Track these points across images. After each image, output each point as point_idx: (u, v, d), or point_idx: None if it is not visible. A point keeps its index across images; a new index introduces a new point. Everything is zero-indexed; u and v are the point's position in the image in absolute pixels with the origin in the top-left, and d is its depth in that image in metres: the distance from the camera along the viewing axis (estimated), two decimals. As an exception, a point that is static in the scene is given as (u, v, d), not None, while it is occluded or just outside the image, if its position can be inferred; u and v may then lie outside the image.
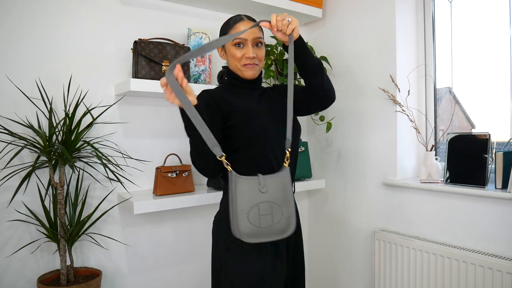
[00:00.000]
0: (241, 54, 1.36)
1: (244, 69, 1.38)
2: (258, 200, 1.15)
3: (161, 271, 1.96)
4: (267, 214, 1.15)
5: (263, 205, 1.15)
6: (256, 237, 1.14)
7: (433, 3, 2.06)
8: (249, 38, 1.36)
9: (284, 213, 1.17)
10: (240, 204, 1.14)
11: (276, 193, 1.17)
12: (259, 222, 1.14)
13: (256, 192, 1.16)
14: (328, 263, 2.39)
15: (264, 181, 1.17)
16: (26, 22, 1.60)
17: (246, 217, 1.13)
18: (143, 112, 1.88)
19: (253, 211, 1.14)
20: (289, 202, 1.19)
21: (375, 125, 2.10)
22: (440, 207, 1.84)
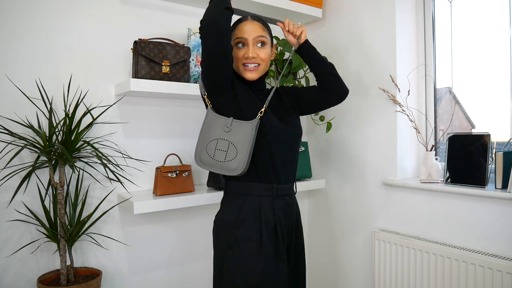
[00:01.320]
0: (241, 54, 1.35)
1: (243, 70, 1.37)
2: (219, 136, 1.30)
3: (161, 271, 1.96)
4: (222, 150, 1.29)
5: (221, 142, 1.30)
6: (207, 166, 1.30)
7: (433, 3, 2.06)
8: (249, 37, 1.34)
9: (237, 155, 1.28)
10: (204, 134, 1.32)
11: (238, 136, 1.29)
12: (214, 155, 1.29)
13: (220, 129, 1.30)
14: (328, 263, 2.39)
15: (230, 123, 1.30)
16: (26, 22, 1.60)
17: (205, 147, 1.31)
18: (143, 112, 1.88)
19: (211, 144, 1.30)
20: (246, 147, 1.28)
21: (375, 125, 2.10)
22: (440, 207, 1.84)
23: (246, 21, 1.38)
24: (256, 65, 1.37)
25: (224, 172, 1.29)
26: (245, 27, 1.36)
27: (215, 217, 1.43)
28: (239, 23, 1.38)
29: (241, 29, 1.36)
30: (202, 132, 1.32)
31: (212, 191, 1.87)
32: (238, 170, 1.28)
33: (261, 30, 1.37)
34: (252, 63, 1.36)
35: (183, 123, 2.00)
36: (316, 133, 2.43)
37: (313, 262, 2.48)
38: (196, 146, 1.32)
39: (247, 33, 1.35)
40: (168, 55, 1.74)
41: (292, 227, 1.43)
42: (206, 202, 1.81)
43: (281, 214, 1.37)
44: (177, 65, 1.77)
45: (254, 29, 1.35)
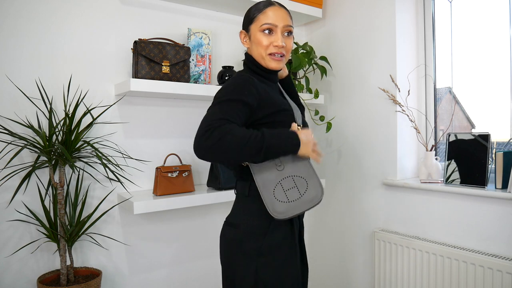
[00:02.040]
0: (268, 42, 1.26)
1: (269, 59, 1.27)
2: (278, 178, 1.21)
3: (161, 271, 1.96)
4: (292, 187, 1.20)
5: (285, 181, 1.21)
6: (288, 212, 1.18)
7: (433, 3, 2.06)
8: (279, 24, 1.26)
9: (308, 183, 1.21)
10: (264, 187, 1.20)
11: (295, 167, 1.21)
12: (286, 198, 1.19)
13: (274, 172, 1.21)
14: (328, 263, 2.39)
15: (279, 161, 1.21)
16: (26, 22, 1.60)
17: (273, 197, 1.19)
18: (143, 112, 1.88)
19: (277, 189, 1.20)
20: (311, 172, 1.22)
21: (375, 125, 2.10)
22: (440, 207, 1.84)
23: (274, 6, 1.28)
24: (281, 55, 1.28)
25: (308, 206, 1.20)
26: (274, 13, 1.26)
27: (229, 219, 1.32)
28: (266, 7, 1.27)
29: (270, 15, 1.26)
30: (261, 187, 1.21)
31: (212, 191, 1.87)
32: (318, 196, 1.20)
33: (289, 19, 1.29)
34: (280, 53, 1.27)
35: (183, 123, 2.00)
36: (316, 133, 2.43)
37: (313, 262, 2.48)
38: (265, 203, 1.20)
39: (277, 20, 1.25)
40: (168, 55, 1.74)
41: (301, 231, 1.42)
42: (206, 202, 1.81)
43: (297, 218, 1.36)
44: (177, 65, 1.77)
45: (283, 17, 1.26)
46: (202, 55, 1.91)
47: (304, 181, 1.21)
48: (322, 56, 2.21)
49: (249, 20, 1.30)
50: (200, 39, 1.91)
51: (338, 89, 2.29)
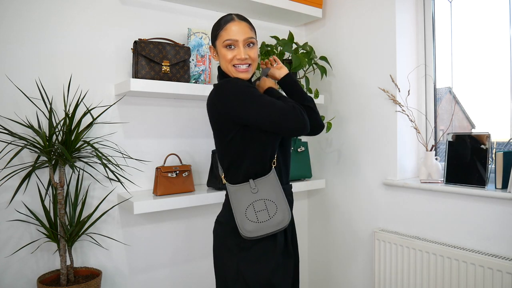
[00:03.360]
0: (232, 56, 1.34)
1: (234, 71, 1.36)
2: (251, 200, 1.32)
3: (161, 271, 1.96)
4: (262, 209, 1.31)
5: (257, 203, 1.32)
6: (257, 232, 1.29)
7: (433, 3, 2.06)
8: (240, 38, 1.33)
9: (278, 207, 1.31)
10: (237, 207, 1.32)
11: (267, 191, 1.33)
12: (257, 218, 1.30)
13: (248, 194, 1.33)
14: (328, 263, 2.39)
15: (254, 184, 1.33)
16: (26, 22, 1.60)
17: (245, 216, 1.30)
18: (143, 112, 1.88)
19: (249, 210, 1.31)
20: (280, 198, 1.33)
21: (375, 125, 2.10)
22: (440, 207, 1.84)
23: (233, 21, 1.35)
24: (247, 65, 1.36)
25: (275, 229, 1.30)
26: (233, 28, 1.34)
27: (218, 218, 1.44)
28: (227, 23, 1.35)
29: (230, 31, 1.34)
30: (234, 206, 1.33)
31: (212, 191, 1.87)
32: (286, 220, 1.31)
33: (249, 31, 1.36)
34: (244, 63, 1.36)
35: (183, 123, 2.00)
36: (316, 133, 2.43)
37: (313, 262, 2.48)
38: (236, 221, 1.31)
39: (237, 35, 1.33)
40: (168, 55, 1.74)
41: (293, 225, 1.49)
42: (206, 202, 1.81)
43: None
44: (177, 65, 1.77)
45: (243, 30, 1.34)
46: (202, 55, 1.91)
47: (274, 205, 1.31)
48: (322, 56, 2.21)
49: (214, 37, 1.39)
50: (200, 39, 1.91)
51: (338, 89, 2.29)
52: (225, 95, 1.30)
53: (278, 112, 1.25)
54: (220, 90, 1.32)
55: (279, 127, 1.26)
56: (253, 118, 1.26)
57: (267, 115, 1.25)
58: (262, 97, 1.28)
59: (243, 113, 1.26)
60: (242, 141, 1.32)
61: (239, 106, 1.27)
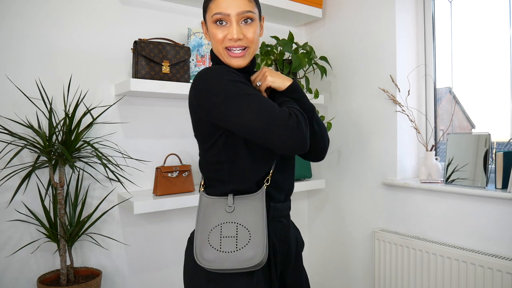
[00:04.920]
0: (223, 35, 1.04)
1: (227, 55, 1.06)
2: (221, 220, 1.01)
3: (161, 271, 1.96)
4: (230, 236, 0.99)
5: (226, 226, 1.00)
6: (216, 263, 0.97)
7: (433, 3, 2.06)
8: (232, 12, 1.02)
9: (252, 239, 0.98)
10: (201, 224, 1.03)
11: (246, 215, 1.01)
12: (220, 245, 0.98)
13: (221, 212, 1.02)
14: (328, 263, 2.39)
15: (232, 201, 1.03)
16: (26, 22, 1.60)
17: (206, 238, 1.00)
18: (143, 112, 1.88)
19: (214, 232, 1.00)
20: (259, 227, 1.00)
21: (375, 125, 2.10)
22: (440, 207, 1.84)
23: None
24: (242, 49, 1.06)
25: (242, 266, 0.97)
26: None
27: (191, 236, 1.14)
28: None
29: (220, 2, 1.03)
30: (199, 223, 1.03)
31: (212, 191, 1.86)
32: (256, 259, 0.97)
33: (246, 2, 1.04)
34: (238, 46, 1.05)
35: (183, 123, 2.00)
36: (316, 133, 2.43)
37: (313, 262, 2.48)
38: (194, 243, 1.01)
39: (229, 6, 1.02)
40: (168, 55, 1.74)
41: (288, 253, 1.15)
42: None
43: (276, 239, 1.10)
44: (177, 65, 1.77)
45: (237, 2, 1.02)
46: (202, 55, 1.91)
47: (247, 234, 0.99)
48: (322, 56, 2.21)
49: (204, 10, 1.08)
50: (200, 39, 1.91)
51: (338, 89, 2.29)
52: (202, 89, 1.00)
53: (267, 119, 0.93)
54: (197, 82, 1.01)
55: (264, 138, 0.94)
56: (233, 123, 0.96)
57: (252, 121, 0.93)
58: (251, 96, 0.96)
59: (222, 114, 0.97)
60: (225, 151, 1.04)
61: (217, 104, 0.96)
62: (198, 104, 1.02)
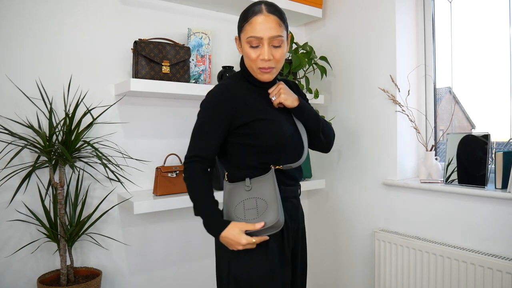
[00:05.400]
0: (256, 55, 1.22)
1: (259, 72, 1.26)
2: (243, 197, 1.26)
3: (161, 271, 1.96)
4: (252, 208, 1.24)
5: (247, 201, 1.25)
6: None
7: (433, 3, 2.06)
8: (265, 36, 1.19)
9: (268, 207, 1.22)
10: (227, 203, 1.28)
11: (261, 190, 1.24)
12: (244, 216, 1.23)
13: (241, 191, 1.26)
14: (328, 263, 2.39)
15: (249, 182, 1.26)
16: (26, 22, 1.60)
17: (233, 213, 1.25)
18: (143, 112, 1.88)
19: (238, 207, 1.25)
20: (273, 198, 1.23)
21: (375, 125, 2.10)
22: (440, 207, 1.84)
23: (260, 14, 1.19)
24: (271, 68, 1.25)
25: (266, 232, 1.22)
26: (261, 24, 1.18)
27: None
28: (253, 16, 1.20)
29: (256, 26, 1.18)
30: (225, 203, 1.29)
31: (212, 191, 1.87)
32: (273, 221, 1.20)
33: (277, 28, 1.20)
34: (268, 68, 1.24)
35: (183, 123, 2.00)
36: (316, 133, 2.43)
37: (313, 262, 2.48)
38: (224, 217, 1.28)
39: (263, 32, 1.18)
40: (168, 55, 1.74)
41: (298, 231, 1.38)
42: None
43: (288, 217, 1.32)
44: (177, 65, 1.77)
45: (270, 27, 1.18)
46: (202, 55, 1.91)
47: (265, 204, 1.23)
48: (322, 56, 2.21)
49: (239, 29, 1.27)
50: (200, 39, 1.91)
51: (338, 89, 2.29)
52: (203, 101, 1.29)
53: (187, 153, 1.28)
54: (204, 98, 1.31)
55: None
56: None
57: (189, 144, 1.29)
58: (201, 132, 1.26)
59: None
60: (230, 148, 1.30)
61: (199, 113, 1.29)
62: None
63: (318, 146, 1.45)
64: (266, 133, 1.25)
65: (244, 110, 1.25)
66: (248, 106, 1.26)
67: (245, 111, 1.25)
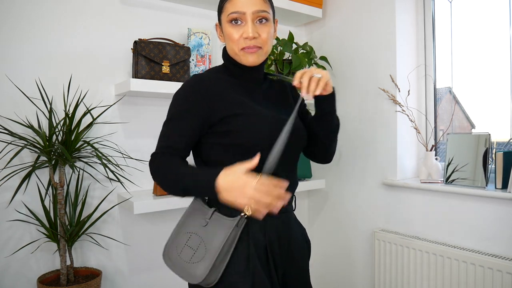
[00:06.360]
0: (238, 35, 1.06)
1: (243, 54, 1.07)
2: (194, 229, 1.05)
3: (161, 271, 1.96)
4: (191, 248, 1.02)
5: (194, 237, 1.03)
6: (172, 265, 1.05)
7: (433, 3, 2.06)
8: (248, 10, 1.04)
9: (205, 260, 1.00)
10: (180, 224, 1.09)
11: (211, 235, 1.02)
12: (181, 251, 1.04)
13: (198, 221, 1.06)
14: (328, 263, 2.39)
15: (210, 215, 1.04)
16: (26, 22, 1.60)
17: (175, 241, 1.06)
18: (143, 112, 1.88)
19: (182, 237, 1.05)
20: (214, 251, 1.00)
21: (375, 125, 2.10)
22: (440, 207, 1.84)
23: None
24: (257, 48, 1.07)
25: (184, 276, 1.02)
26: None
27: None
28: None
29: (236, 1, 1.05)
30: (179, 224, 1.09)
31: (212, 191, 1.86)
32: (197, 277, 0.99)
33: (262, 2, 1.06)
34: (254, 47, 1.06)
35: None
36: (316, 133, 2.43)
37: (313, 262, 2.48)
38: (168, 238, 1.09)
39: (244, 5, 1.04)
40: (168, 55, 1.74)
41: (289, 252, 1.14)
42: (206, 202, 1.81)
43: (273, 235, 1.09)
44: (177, 65, 1.77)
45: (253, 1, 1.05)
46: (202, 55, 1.91)
47: (204, 253, 1.01)
48: (322, 56, 2.21)
49: (219, 10, 1.10)
50: (200, 39, 1.91)
51: (338, 89, 2.29)
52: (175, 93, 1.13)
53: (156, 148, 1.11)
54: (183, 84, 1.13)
55: None
56: None
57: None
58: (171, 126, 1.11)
59: None
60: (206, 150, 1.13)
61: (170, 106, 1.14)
62: None
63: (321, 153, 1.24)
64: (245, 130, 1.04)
65: (220, 105, 1.06)
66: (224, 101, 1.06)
67: (221, 105, 1.06)
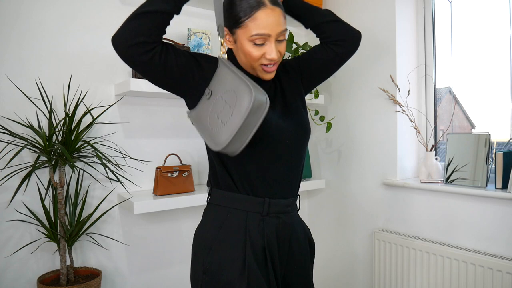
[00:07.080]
0: (260, 54, 1.04)
1: (261, 70, 1.07)
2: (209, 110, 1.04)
3: (161, 271, 1.96)
4: (223, 107, 1.00)
5: (216, 106, 1.02)
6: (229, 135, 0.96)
7: (433, 3, 2.06)
8: (273, 33, 1.02)
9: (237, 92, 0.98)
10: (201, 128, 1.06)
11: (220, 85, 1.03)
12: (220, 120, 1.00)
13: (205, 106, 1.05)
14: (328, 263, 2.39)
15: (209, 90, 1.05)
16: (26, 22, 1.60)
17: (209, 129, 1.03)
18: (143, 112, 1.88)
19: (210, 119, 1.02)
20: (236, 81, 1.00)
21: (375, 125, 2.10)
22: (440, 207, 1.84)
23: (265, 7, 1.01)
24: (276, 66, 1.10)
25: (246, 115, 0.94)
26: (267, 18, 1.00)
27: (195, 231, 1.19)
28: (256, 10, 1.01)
29: (261, 22, 1.00)
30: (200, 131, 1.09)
31: (212, 191, 1.87)
32: (249, 99, 0.94)
33: (283, 21, 1.04)
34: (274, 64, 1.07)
35: (183, 123, 2.00)
36: (316, 133, 2.43)
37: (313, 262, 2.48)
38: (208, 144, 1.09)
39: (271, 28, 1.01)
40: (168, 55, 1.74)
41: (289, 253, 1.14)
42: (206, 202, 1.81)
43: (272, 236, 1.09)
44: (177, 65, 1.77)
45: (277, 21, 1.02)
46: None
47: (233, 93, 0.98)
48: (322, 56, 2.21)
49: (235, 22, 1.05)
50: (200, 39, 1.91)
51: (338, 89, 2.29)
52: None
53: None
54: None
55: None
56: None
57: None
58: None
59: None
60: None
61: None
62: None
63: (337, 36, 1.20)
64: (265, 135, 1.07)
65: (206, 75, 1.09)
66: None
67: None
